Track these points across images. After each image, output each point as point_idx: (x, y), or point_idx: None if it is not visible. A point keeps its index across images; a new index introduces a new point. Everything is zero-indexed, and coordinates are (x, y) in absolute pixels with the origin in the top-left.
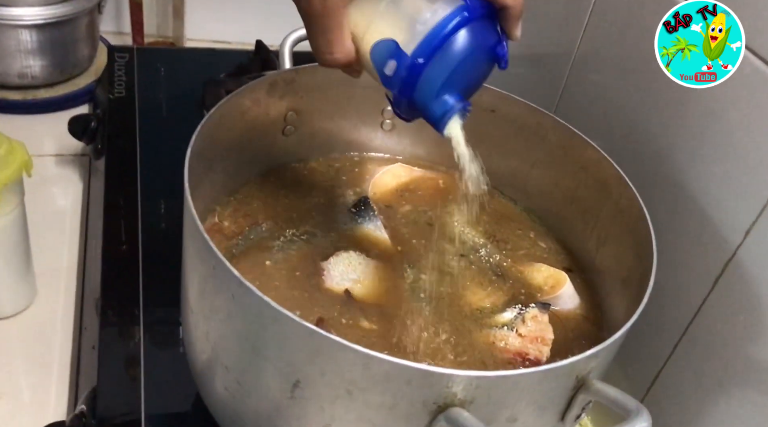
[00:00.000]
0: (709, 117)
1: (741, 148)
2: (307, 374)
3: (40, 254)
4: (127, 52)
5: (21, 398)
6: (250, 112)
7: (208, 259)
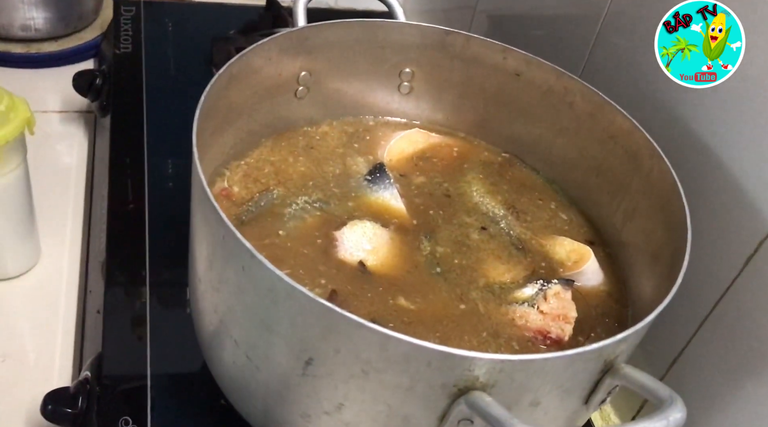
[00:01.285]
0: (750, 91)
1: None
2: (321, 351)
3: (44, 213)
4: (133, 6)
5: (25, 362)
6: (261, 71)
7: (217, 228)
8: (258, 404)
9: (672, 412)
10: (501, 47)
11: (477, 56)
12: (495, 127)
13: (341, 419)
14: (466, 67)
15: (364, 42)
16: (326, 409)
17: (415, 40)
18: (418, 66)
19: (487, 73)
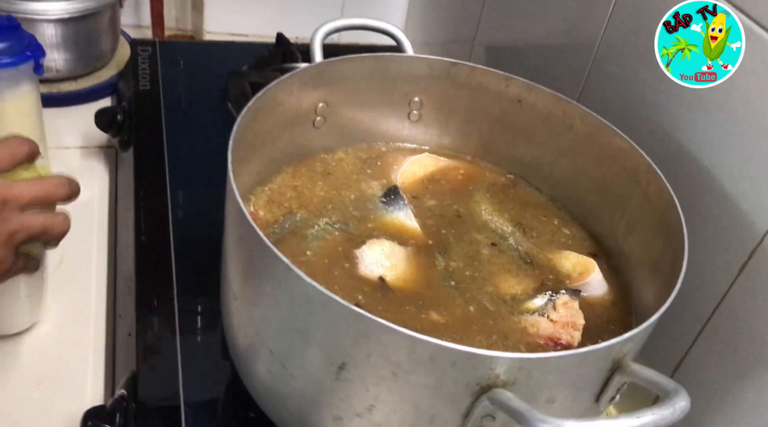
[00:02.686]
0: (736, 108)
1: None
2: (353, 356)
3: (69, 243)
4: (149, 46)
5: (60, 383)
6: (283, 103)
7: (254, 246)
8: (292, 410)
9: (677, 401)
10: (503, 76)
11: (481, 84)
12: (499, 150)
13: (372, 420)
14: (471, 95)
15: (376, 74)
16: (358, 411)
17: (423, 71)
18: (426, 95)
19: (491, 100)
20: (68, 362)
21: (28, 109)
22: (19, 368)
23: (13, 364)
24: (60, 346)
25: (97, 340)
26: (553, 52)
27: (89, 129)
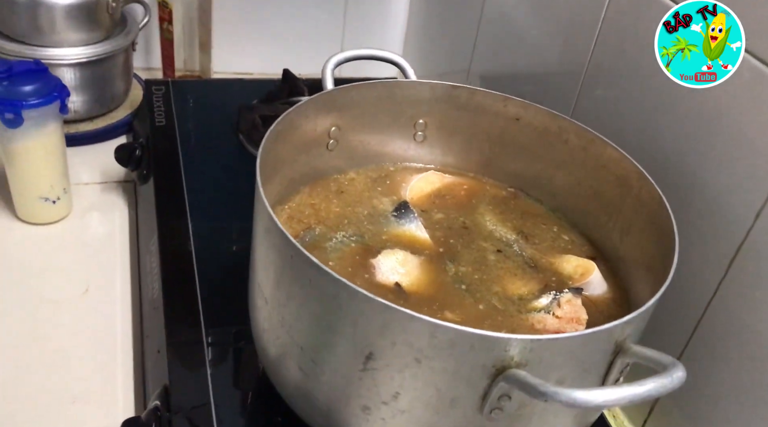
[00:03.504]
0: (714, 117)
1: (745, 141)
2: (379, 345)
3: (93, 270)
4: (162, 85)
5: (92, 401)
6: (300, 128)
7: (285, 250)
8: (322, 405)
9: (675, 372)
10: (501, 96)
11: (480, 105)
12: (500, 165)
13: (397, 407)
14: (472, 116)
15: (384, 99)
16: (384, 399)
17: (426, 95)
18: (430, 117)
19: (490, 119)
20: (98, 381)
21: (53, 147)
22: (53, 389)
23: (47, 384)
24: (89, 367)
25: (125, 359)
26: (544, 79)
27: (107, 165)
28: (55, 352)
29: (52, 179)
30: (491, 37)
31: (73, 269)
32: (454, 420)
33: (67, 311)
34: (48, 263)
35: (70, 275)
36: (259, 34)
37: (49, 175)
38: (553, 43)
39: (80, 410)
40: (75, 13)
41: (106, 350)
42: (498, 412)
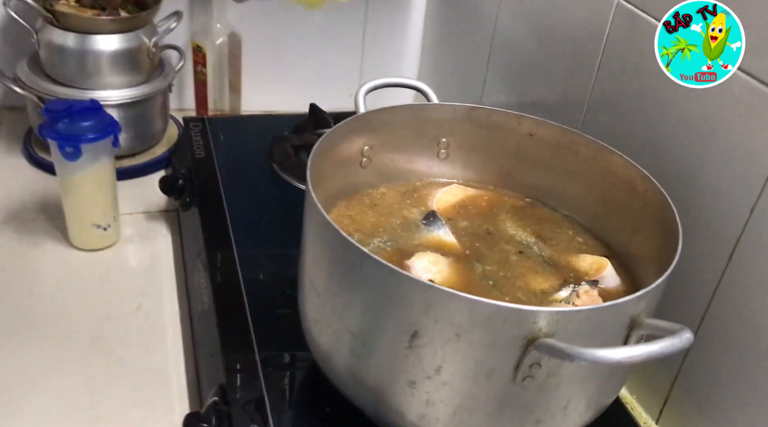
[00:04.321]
0: (711, 127)
1: (738, 145)
2: (423, 324)
3: (144, 292)
4: (199, 122)
5: (150, 405)
6: (337, 147)
7: (337, 244)
8: (371, 384)
9: (683, 334)
10: (515, 115)
11: (497, 124)
12: (517, 178)
13: (440, 380)
14: (489, 134)
15: (410, 120)
16: (428, 373)
17: (448, 116)
18: (452, 136)
19: (506, 136)
20: (155, 386)
21: (106, 178)
22: (115, 395)
23: (110, 391)
24: (146, 374)
25: (178, 366)
26: (551, 108)
27: (149, 197)
28: (115, 362)
29: (104, 207)
30: (501, 68)
31: (125, 289)
32: (490, 390)
33: (123, 326)
34: (102, 284)
35: (122, 294)
36: (283, 74)
37: (102, 204)
38: (558, 76)
39: (140, 413)
40: (119, 59)
41: (160, 359)
42: (529, 380)
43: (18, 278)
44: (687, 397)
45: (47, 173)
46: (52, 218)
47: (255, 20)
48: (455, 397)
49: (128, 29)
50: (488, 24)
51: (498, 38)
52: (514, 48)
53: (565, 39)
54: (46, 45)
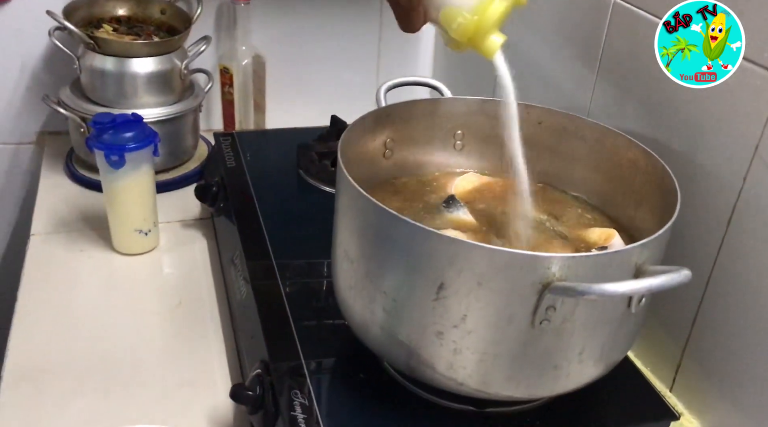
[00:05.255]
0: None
1: (727, 123)
2: (449, 275)
3: (184, 290)
4: (229, 136)
5: (196, 385)
6: (361, 139)
7: (368, 211)
8: (403, 338)
9: (682, 270)
10: (524, 105)
11: None
12: (528, 165)
13: (465, 328)
14: (501, 124)
15: (427, 114)
16: (454, 323)
17: (463, 109)
18: (466, 128)
19: None
20: (199, 369)
21: (147, 184)
22: (164, 377)
23: (158, 374)
24: (191, 358)
25: (219, 350)
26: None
27: (183, 207)
28: (162, 350)
29: (145, 213)
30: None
31: (166, 288)
32: (511, 335)
33: (166, 319)
34: (144, 284)
35: (164, 292)
36: (304, 92)
37: (143, 210)
38: (561, 87)
39: (187, 392)
40: (153, 81)
41: (201, 345)
42: (546, 323)
43: (68, 279)
44: (698, 366)
45: (88, 189)
46: (95, 227)
47: (277, 42)
48: (480, 344)
49: (161, 53)
50: None
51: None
52: (523, 54)
53: (567, 41)
54: (87, 69)
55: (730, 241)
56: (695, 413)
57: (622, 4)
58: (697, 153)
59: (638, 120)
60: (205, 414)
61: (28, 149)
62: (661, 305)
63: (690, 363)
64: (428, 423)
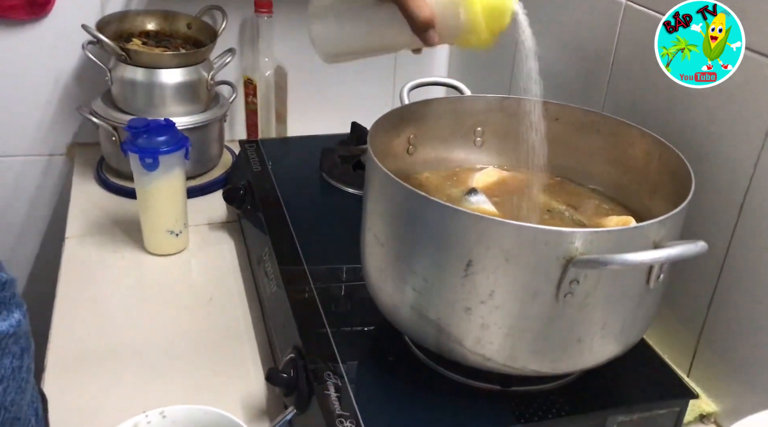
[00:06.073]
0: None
1: (737, 112)
2: (476, 252)
3: (215, 287)
4: (253, 143)
5: (230, 374)
6: (387, 135)
7: (398, 194)
8: (432, 316)
9: (698, 242)
10: (542, 102)
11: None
12: (547, 159)
13: (493, 304)
14: (519, 121)
15: (448, 111)
16: (482, 299)
17: (482, 106)
18: (486, 125)
19: None
20: (232, 359)
21: (178, 186)
22: (200, 366)
23: (194, 363)
24: (223, 349)
25: (250, 340)
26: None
27: (211, 211)
28: (196, 341)
29: (176, 214)
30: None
31: (197, 285)
32: (537, 309)
33: (199, 314)
34: (176, 282)
35: (195, 289)
36: (324, 102)
37: (175, 211)
38: (576, 79)
39: (222, 380)
40: (181, 90)
41: (233, 336)
42: (570, 296)
43: (103, 278)
44: (713, 352)
45: (118, 195)
46: (126, 230)
47: (298, 54)
48: (507, 318)
49: (189, 64)
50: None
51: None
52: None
53: (579, 46)
54: (118, 80)
55: (743, 226)
56: (713, 398)
57: (633, 6)
58: (710, 145)
59: (651, 117)
60: (240, 400)
61: (60, 160)
62: (677, 292)
63: (706, 350)
64: (456, 402)
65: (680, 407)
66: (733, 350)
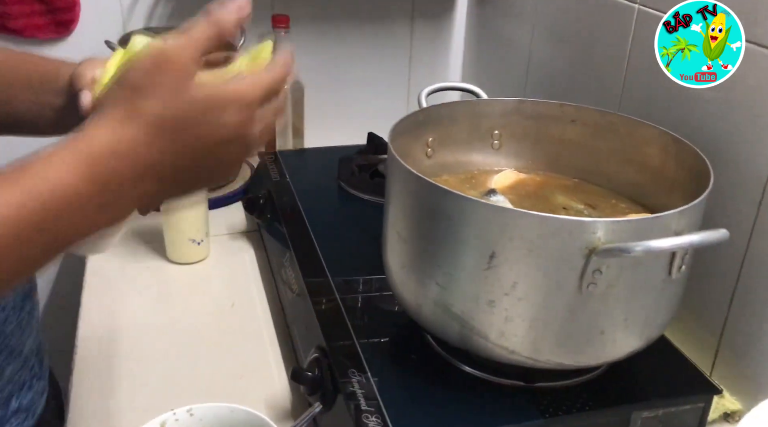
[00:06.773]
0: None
1: (752, 117)
2: (500, 243)
3: (237, 293)
4: (272, 154)
5: (253, 376)
6: (406, 139)
7: (421, 190)
8: (456, 310)
9: (720, 230)
10: (558, 104)
11: (542, 113)
12: (563, 162)
13: (516, 295)
14: (536, 123)
15: (466, 115)
16: (506, 290)
17: (499, 109)
18: (503, 127)
19: (551, 124)
20: (255, 361)
21: (200, 196)
22: (224, 369)
23: (219, 366)
24: (247, 352)
25: (272, 343)
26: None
27: (231, 222)
28: (220, 345)
29: (198, 223)
30: (537, 85)
31: (219, 292)
32: (560, 300)
33: (222, 319)
34: (199, 289)
35: (218, 296)
36: (340, 116)
37: (197, 220)
38: (588, 84)
39: (246, 382)
40: None
41: (257, 340)
42: (593, 287)
43: (126, 286)
44: (734, 352)
45: None
46: (148, 241)
47: (314, 70)
48: (530, 310)
49: None
50: (523, 50)
51: (533, 62)
52: (548, 64)
53: (592, 51)
54: None
55: (763, 222)
56: (736, 395)
57: (646, 9)
58: (726, 143)
59: (666, 119)
60: (265, 400)
61: None
62: (696, 293)
63: (727, 349)
64: (480, 399)
65: (704, 403)
66: (756, 348)
